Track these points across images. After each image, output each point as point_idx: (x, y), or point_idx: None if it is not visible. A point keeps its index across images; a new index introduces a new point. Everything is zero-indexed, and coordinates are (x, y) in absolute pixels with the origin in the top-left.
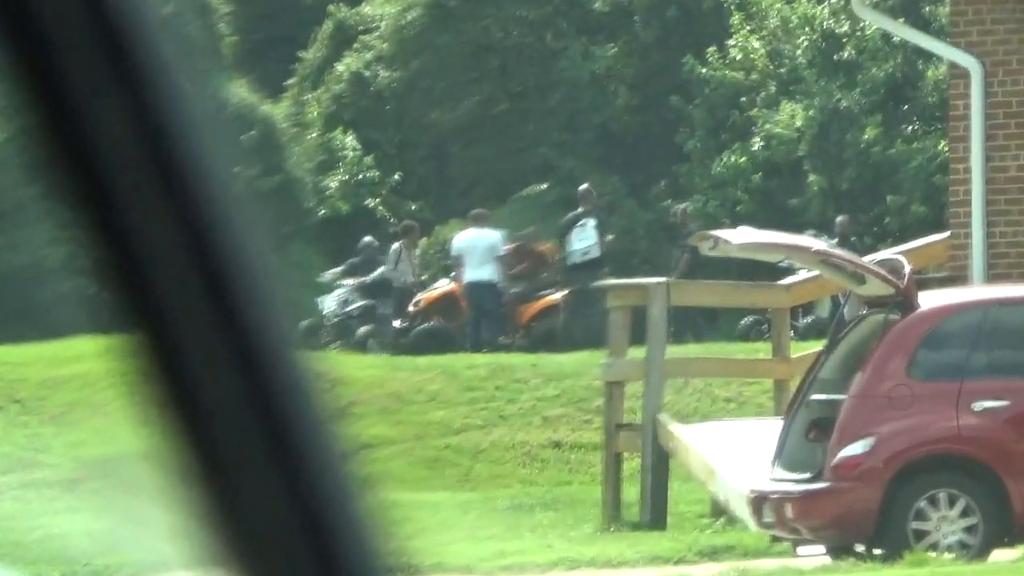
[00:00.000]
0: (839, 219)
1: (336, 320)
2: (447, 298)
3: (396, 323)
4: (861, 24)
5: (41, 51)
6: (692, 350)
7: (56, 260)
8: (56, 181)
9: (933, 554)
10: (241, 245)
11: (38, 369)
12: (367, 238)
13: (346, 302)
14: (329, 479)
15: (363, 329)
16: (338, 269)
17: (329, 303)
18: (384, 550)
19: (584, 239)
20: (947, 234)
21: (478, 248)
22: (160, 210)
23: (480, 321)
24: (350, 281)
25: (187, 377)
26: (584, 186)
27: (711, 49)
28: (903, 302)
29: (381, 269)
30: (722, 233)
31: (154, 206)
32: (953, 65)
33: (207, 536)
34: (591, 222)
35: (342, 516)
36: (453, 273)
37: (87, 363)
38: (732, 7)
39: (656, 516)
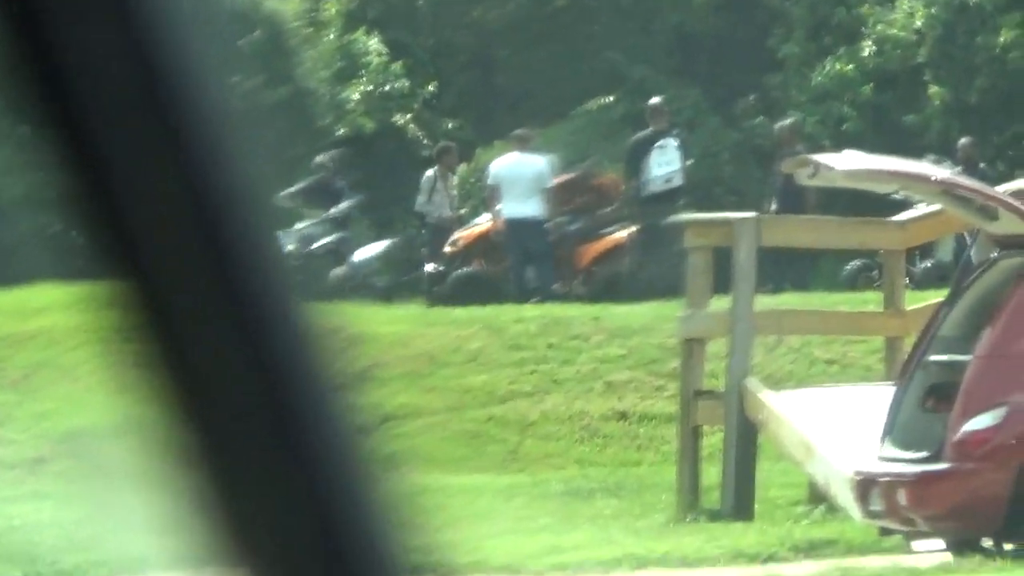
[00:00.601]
0: (963, 141)
1: (298, 263)
2: (490, 237)
3: (429, 267)
4: None
5: None
6: (787, 301)
7: (15, 192)
8: (15, 93)
9: None
10: (242, 172)
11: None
12: (320, 157)
13: (310, 238)
14: (347, 458)
15: (337, 272)
16: (291, 191)
17: (287, 240)
18: (412, 545)
19: (666, 163)
20: None
21: (522, 177)
22: (143, 130)
23: (526, 266)
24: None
25: (177, 334)
26: (656, 100)
27: None
28: None
29: (347, 201)
30: (823, 158)
31: (136, 125)
32: None
33: (199, 529)
34: (672, 142)
35: (362, 503)
36: (499, 207)
37: (53, 316)
38: None
39: (741, 503)
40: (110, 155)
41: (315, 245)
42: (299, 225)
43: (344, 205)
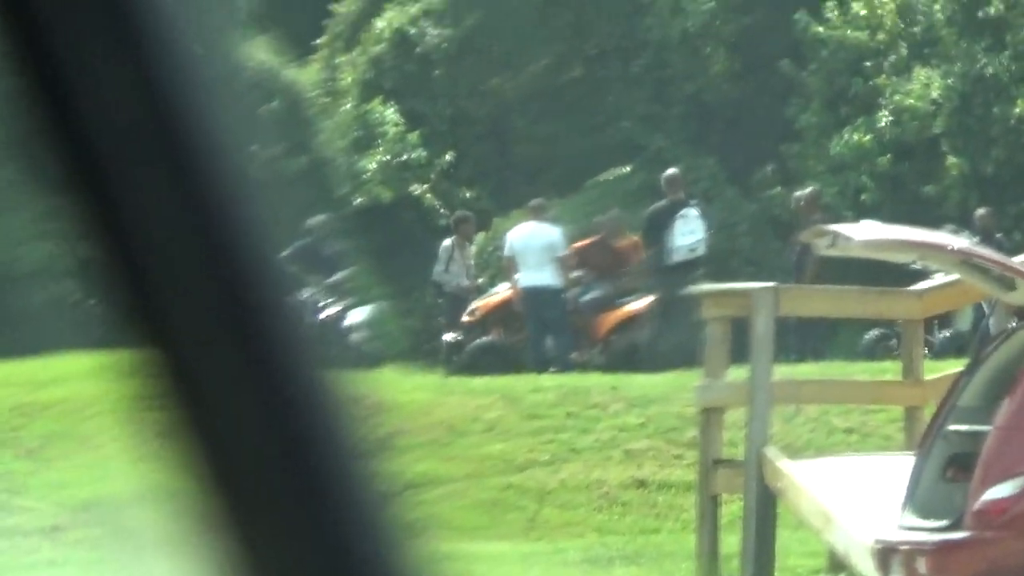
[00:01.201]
0: (980, 211)
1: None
2: (508, 306)
3: (448, 336)
4: None
5: (28, 2)
6: (806, 371)
7: (36, 259)
8: (39, 160)
9: None
10: (262, 241)
11: (11, 393)
12: (319, 217)
13: (317, 306)
14: (369, 525)
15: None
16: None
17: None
18: None
19: (690, 232)
20: None
21: (537, 247)
22: (165, 197)
23: (543, 334)
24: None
25: (198, 402)
26: (672, 171)
27: (829, 3)
28: None
29: (341, 272)
30: (843, 228)
31: (157, 192)
32: None
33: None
34: (694, 212)
35: (385, 571)
36: (517, 276)
37: (71, 385)
38: None
39: (762, 572)
40: (131, 222)
41: (321, 316)
42: (305, 292)
43: (339, 276)
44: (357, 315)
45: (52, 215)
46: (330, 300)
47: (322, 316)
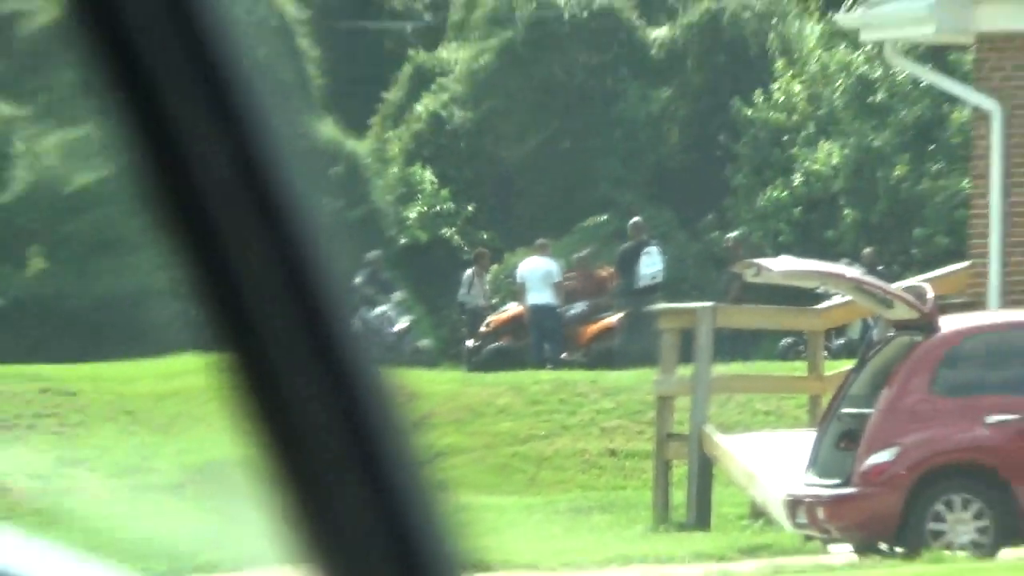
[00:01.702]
0: (867, 250)
1: (379, 330)
2: (515, 320)
3: (469, 343)
4: (892, 70)
5: (147, 92)
6: (735, 368)
7: (161, 284)
8: (160, 213)
9: (948, 552)
10: (328, 270)
11: (147, 383)
12: (375, 252)
13: (383, 318)
14: (408, 484)
15: (423, 343)
16: (356, 281)
17: (373, 321)
18: (458, 549)
19: (652, 264)
20: (967, 263)
21: (539, 276)
22: (255, 238)
23: (543, 341)
24: (391, 296)
25: (277, 392)
26: (636, 219)
27: (756, 92)
28: (927, 325)
29: (399, 292)
30: (765, 261)
31: (250, 235)
32: (976, 108)
33: (297, 536)
34: (655, 249)
35: (420, 518)
36: (520, 298)
37: (190, 378)
38: (776, 53)
39: (701, 518)
40: (232, 256)
41: (395, 328)
42: (378, 310)
43: (400, 295)
44: (404, 325)
45: (173, 252)
46: (396, 314)
47: (396, 327)
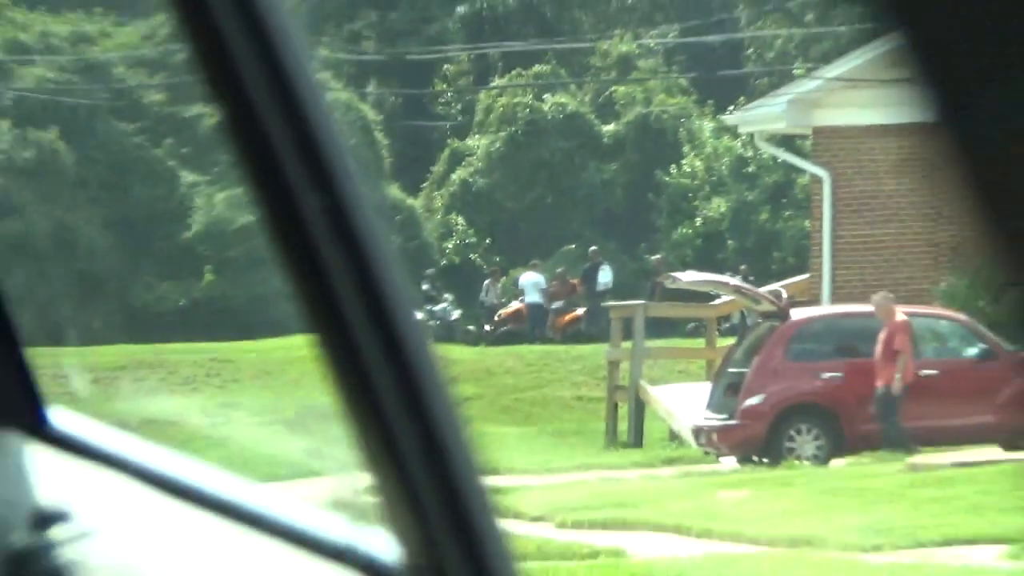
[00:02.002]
0: (741, 268)
1: (444, 319)
2: (517, 313)
3: (487, 327)
4: (760, 151)
5: (269, 163)
6: (659, 343)
7: (277, 291)
8: (280, 245)
9: (797, 461)
10: (397, 283)
11: (278, 354)
12: (430, 269)
13: (446, 310)
14: (443, 420)
15: (468, 328)
16: (426, 288)
17: (437, 311)
18: (478, 458)
19: (605, 277)
20: (808, 275)
21: (531, 284)
22: (345, 262)
23: (535, 326)
24: (447, 296)
25: (358, 360)
26: (593, 248)
27: (672, 166)
28: (782, 315)
29: (448, 295)
30: (677, 274)
31: (342, 260)
32: (813, 175)
33: (368, 453)
34: (608, 268)
35: (454, 440)
36: (520, 298)
37: (305, 350)
38: (684, 141)
39: (637, 440)
40: (329, 272)
41: (454, 317)
42: (440, 305)
43: (450, 296)
44: (457, 315)
45: (290, 270)
46: (451, 308)
47: (453, 317)
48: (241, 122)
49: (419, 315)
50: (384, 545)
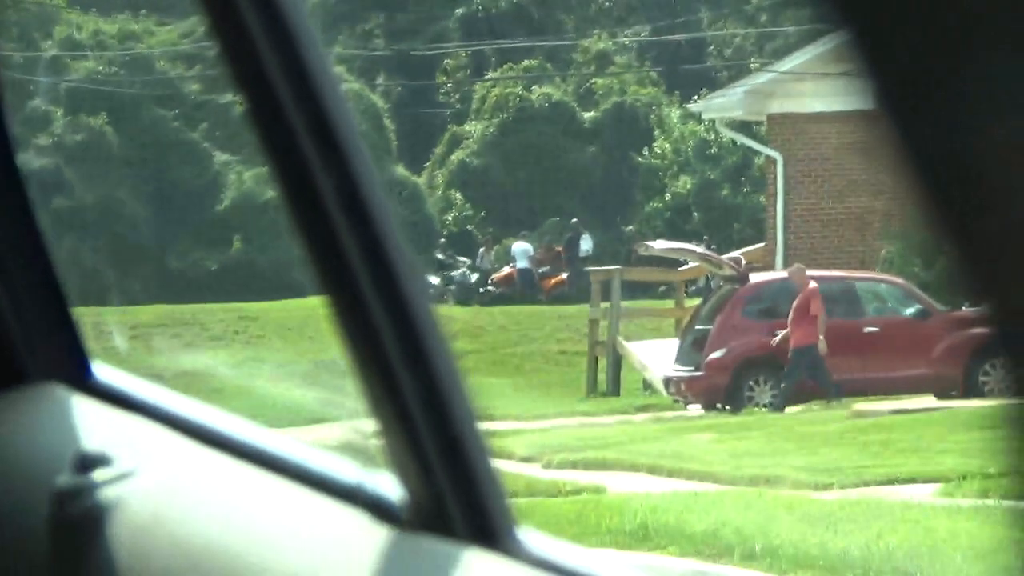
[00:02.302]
0: (704, 238)
1: (463, 283)
2: (508, 277)
3: (481, 290)
4: (721, 135)
5: (288, 145)
6: (634, 303)
7: (297, 257)
8: (298, 217)
9: (756, 408)
10: (401, 250)
11: (299, 313)
12: (442, 240)
13: (465, 274)
14: (446, 368)
15: (481, 289)
16: (440, 257)
17: (456, 275)
18: (473, 402)
19: (587, 245)
20: (764, 244)
21: (521, 251)
22: (355, 232)
23: (524, 288)
24: (463, 260)
25: (368, 321)
26: (574, 220)
27: (644, 148)
28: (741, 278)
29: (462, 264)
30: (649, 242)
31: (352, 230)
32: (768, 156)
33: (374, 402)
34: (587, 236)
35: (453, 389)
36: (511, 264)
37: (323, 310)
38: (655, 126)
39: (614, 389)
40: (340, 242)
41: (472, 281)
42: (459, 269)
43: (466, 261)
44: (475, 279)
45: (306, 239)
46: (469, 272)
47: (472, 280)
48: (264, 109)
49: (437, 280)
50: (389, 486)
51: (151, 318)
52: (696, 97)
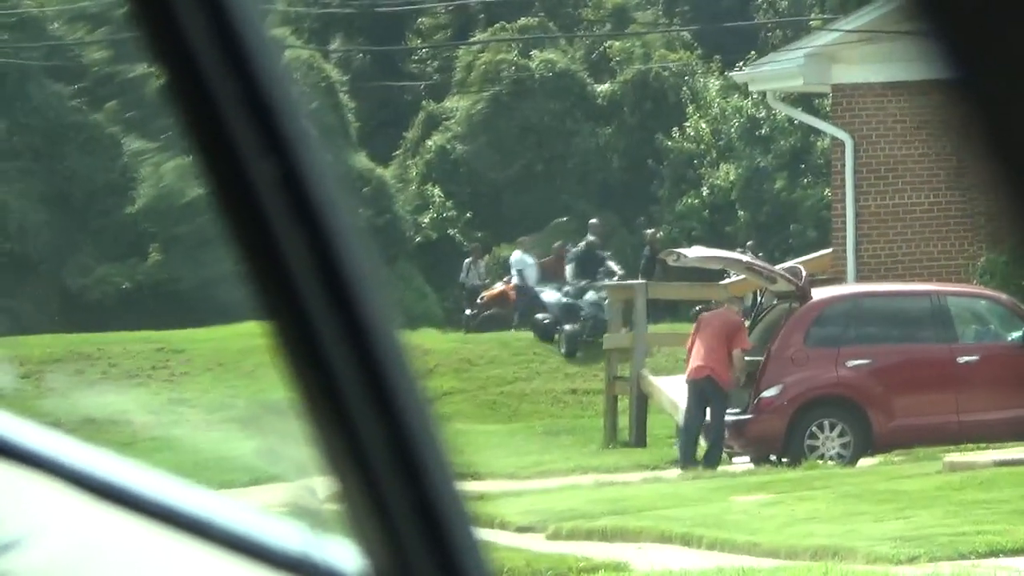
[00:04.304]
0: (750, 242)
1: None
2: (501, 295)
3: (467, 311)
4: (773, 111)
5: (216, 128)
6: (662, 327)
7: (232, 272)
8: (230, 220)
9: (820, 461)
10: (363, 262)
11: (233, 343)
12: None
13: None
14: (419, 417)
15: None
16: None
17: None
18: (456, 462)
19: (616, 266)
20: (830, 250)
21: (521, 263)
22: (303, 240)
23: (525, 310)
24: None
25: (315, 350)
26: (594, 220)
27: (674, 129)
28: (801, 295)
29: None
30: (683, 250)
31: (300, 237)
32: (834, 138)
33: (327, 456)
34: (613, 264)
35: (427, 442)
36: (506, 278)
37: (263, 339)
38: (687, 101)
39: (639, 437)
40: (285, 251)
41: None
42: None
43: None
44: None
45: (239, 249)
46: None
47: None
48: (187, 83)
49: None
50: (346, 557)
51: (47, 351)
52: (741, 63)
